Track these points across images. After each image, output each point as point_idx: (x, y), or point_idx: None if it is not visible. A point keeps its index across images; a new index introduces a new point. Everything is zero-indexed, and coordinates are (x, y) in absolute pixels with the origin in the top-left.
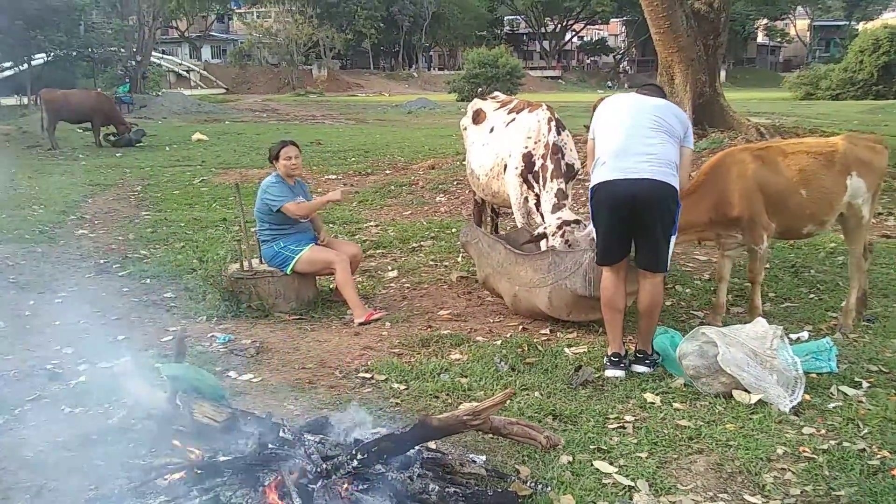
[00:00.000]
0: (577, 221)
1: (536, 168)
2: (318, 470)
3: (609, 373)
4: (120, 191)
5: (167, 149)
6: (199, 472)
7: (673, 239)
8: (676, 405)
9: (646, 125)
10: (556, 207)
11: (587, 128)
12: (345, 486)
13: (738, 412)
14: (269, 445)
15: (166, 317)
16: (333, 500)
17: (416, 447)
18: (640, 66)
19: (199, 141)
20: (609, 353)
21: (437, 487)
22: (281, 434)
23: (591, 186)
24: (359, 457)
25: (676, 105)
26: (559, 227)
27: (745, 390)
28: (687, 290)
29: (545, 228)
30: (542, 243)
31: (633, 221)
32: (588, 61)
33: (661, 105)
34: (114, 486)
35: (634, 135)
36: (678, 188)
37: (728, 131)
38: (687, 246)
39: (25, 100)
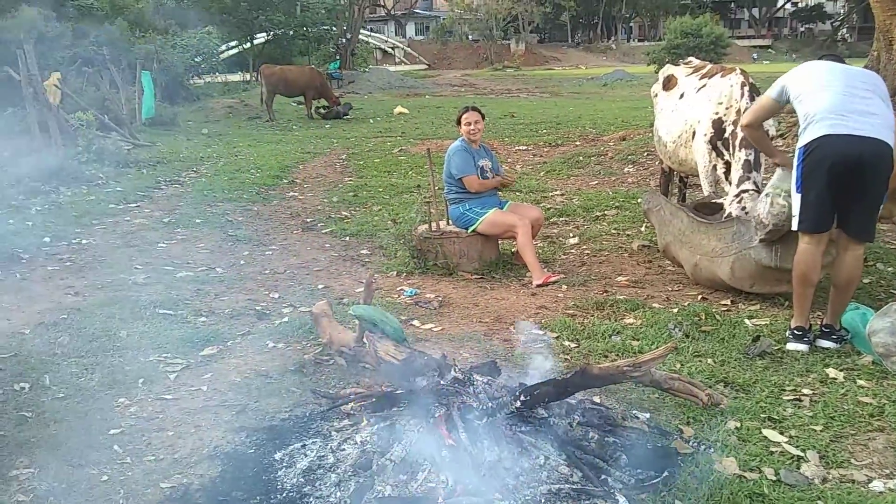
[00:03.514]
0: (756, 190)
1: (727, 135)
2: (484, 408)
3: (791, 346)
4: (327, 159)
5: (371, 121)
6: (376, 401)
7: (881, 208)
8: (861, 382)
9: (860, 86)
10: (742, 179)
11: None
12: (508, 425)
13: None
14: (441, 382)
15: (361, 270)
16: (497, 436)
17: (580, 397)
18: (860, 33)
19: (400, 114)
20: (793, 326)
21: (596, 435)
22: (453, 374)
23: (802, 146)
24: (522, 398)
25: (893, 72)
26: (737, 195)
27: None
28: (889, 269)
29: (724, 199)
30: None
31: (848, 184)
32: (802, 29)
33: (866, 71)
34: (305, 410)
35: (851, 94)
36: None
37: None
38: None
39: (248, 76)
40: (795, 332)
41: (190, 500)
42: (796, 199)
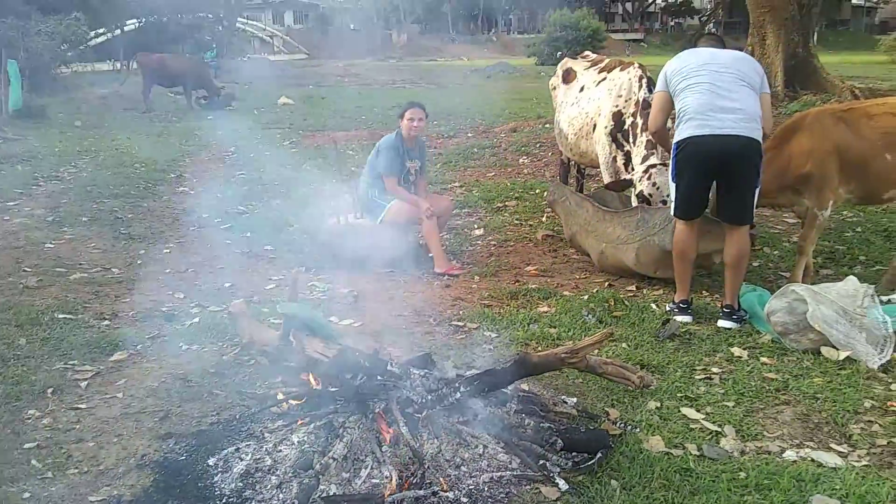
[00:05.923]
0: (664, 164)
1: (626, 126)
2: (423, 401)
3: (679, 318)
4: (214, 151)
5: (255, 112)
6: (309, 400)
7: (757, 191)
8: (763, 359)
9: (727, 80)
10: (647, 157)
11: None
12: (447, 417)
13: (826, 367)
14: (378, 377)
15: (268, 267)
16: (436, 429)
17: (512, 386)
18: (727, 28)
19: (284, 105)
20: (677, 300)
21: (532, 422)
22: (388, 368)
23: (675, 141)
24: (461, 389)
25: (767, 65)
26: (645, 171)
27: (834, 347)
28: (775, 252)
29: (633, 174)
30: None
31: (718, 177)
32: (672, 23)
33: (738, 57)
34: (234, 413)
35: (718, 90)
36: (762, 141)
37: (821, 93)
38: (772, 210)
39: (118, 65)
40: (680, 305)
41: None
42: (672, 188)
